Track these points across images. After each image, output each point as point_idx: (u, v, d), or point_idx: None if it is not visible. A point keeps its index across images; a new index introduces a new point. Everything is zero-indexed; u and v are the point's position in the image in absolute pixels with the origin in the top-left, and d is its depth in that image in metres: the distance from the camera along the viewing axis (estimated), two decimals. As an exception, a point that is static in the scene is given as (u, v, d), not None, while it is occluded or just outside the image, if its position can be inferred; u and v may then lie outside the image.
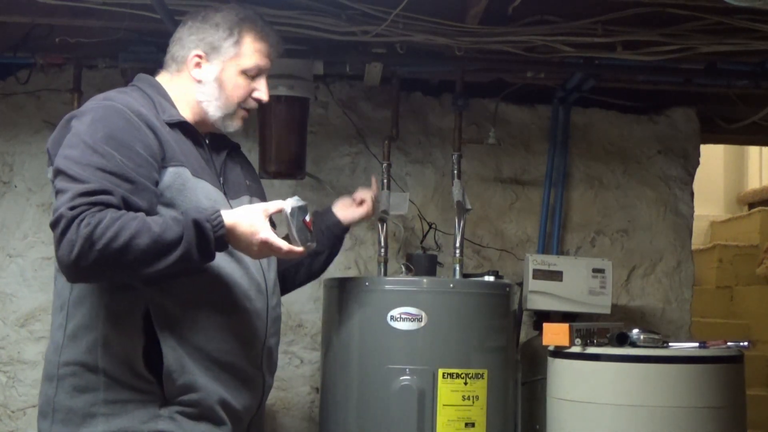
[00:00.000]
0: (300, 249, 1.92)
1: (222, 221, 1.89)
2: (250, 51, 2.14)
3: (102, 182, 1.86)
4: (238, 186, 2.19)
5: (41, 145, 3.56)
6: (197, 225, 1.86)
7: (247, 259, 2.04)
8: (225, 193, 2.12)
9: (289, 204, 1.92)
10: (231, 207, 2.06)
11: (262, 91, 2.15)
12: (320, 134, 3.65)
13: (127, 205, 1.88)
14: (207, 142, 2.19)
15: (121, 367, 1.96)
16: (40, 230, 3.53)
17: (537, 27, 2.99)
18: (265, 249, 1.92)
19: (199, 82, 2.15)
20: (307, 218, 1.91)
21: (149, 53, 3.13)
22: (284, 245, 1.91)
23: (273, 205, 1.96)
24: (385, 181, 3.32)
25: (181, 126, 2.10)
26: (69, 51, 3.25)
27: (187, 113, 2.14)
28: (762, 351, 5.54)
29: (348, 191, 3.59)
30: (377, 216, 2.75)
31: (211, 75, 2.14)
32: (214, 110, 2.14)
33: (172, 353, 1.95)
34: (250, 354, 2.06)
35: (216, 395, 1.99)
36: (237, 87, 2.14)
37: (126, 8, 2.85)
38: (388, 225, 3.22)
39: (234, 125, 2.17)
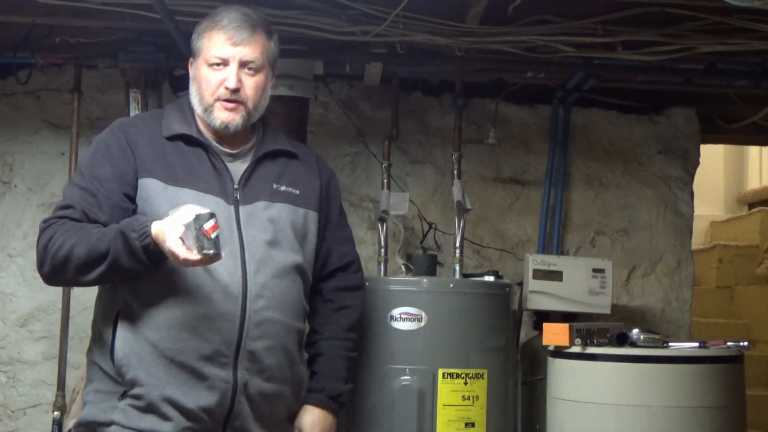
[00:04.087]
0: (196, 257, 1.93)
1: (147, 231, 1.97)
2: (209, 43, 2.18)
3: (72, 197, 2.09)
4: (258, 192, 2.20)
5: (41, 145, 3.57)
6: (122, 235, 1.99)
7: (220, 261, 2.04)
8: (237, 199, 2.15)
9: (187, 212, 1.95)
10: (233, 212, 2.14)
11: (228, 79, 2.17)
12: (320, 134, 3.65)
13: (87, 218, 2.07)
14: (224, 150, 2.21)
15: (106, 362, 2.10)
16: (39, 230, 3.53)
17: (537, 27, 2.99)
18: (172, 256, 1.96)
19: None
20: (206, 226, 1.93)
21: (149, 53, 3.13)
22: (180, 253, 1.93)
23: (181, 215, 1.99)
24: (385, 181, 3.32)
25: (183, 138, 2.17)
26: (69, 51, 3.26)
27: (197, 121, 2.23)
28: (762, 351, 5.53)
29: (348, 191, 3.61)
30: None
31: (191, 75, 2.23)
32: (196, 107, 2.20)
33: (122, 348, 2.06)
34: (214, 355, 2.08)
35: (159, 391, 2.05)
36: (206, 80, 2.18)
37: (126, 8, 2.85)
38: (388, 225, 3.22)
39: (219, 118, 2.17)
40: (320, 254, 2.32)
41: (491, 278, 2.91)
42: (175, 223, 1.95)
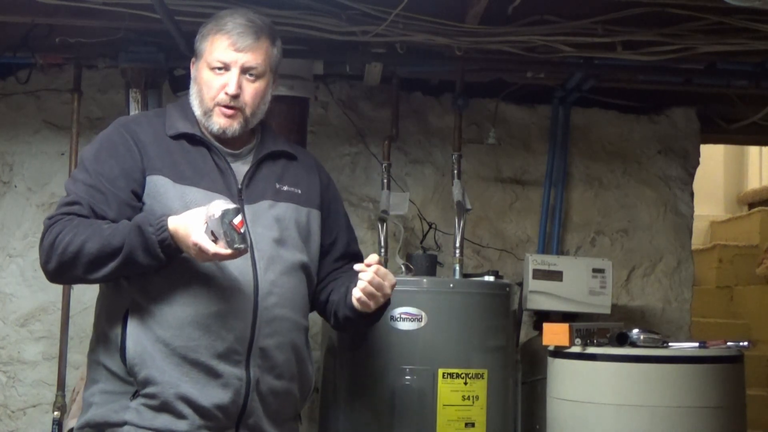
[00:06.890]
0: (227, 251, 1.95)
1: (165, 225, 1.99)
2: (211, 46, 2.18)
3: (78, 194, 2.08)
4: (262, 191, 2.21)
5: (41, 145, 3.57)
6: (139, 229, 1.99)
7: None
8: (242, 198, 2.16)
9: (215, 207, 1.96)
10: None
11: (228, 84, 2.17)
12: (320, 134, 3.65)
13: (95, 214, 2.06)
14: (226, 150, 2.22)
15: (114, 361, 2.08)
16: (39, 230, 3.51)
17: (537, 27, 2.99)
18: (197, 251, 1.97)
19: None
20: (236, 221, 1.95)
21: (149, 53, 3.13)
22: (211, 248, 1.95)
23: (208, 210, 2.00)
24: (385, 181, 3.32)
25: (187, 137, 2.18)
26: (69, 51, 3.26)
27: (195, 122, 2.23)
28: (762, 351, 5.53)
29: (348, 191, 3.60)
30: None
31: (193, 76, 2.23)
32: (196, 108, 2.20)
33: (134, 347, 2.05)
34: (227, 352, 2.08)
35: (174, 389, 2.04)
36: (206, 84, 2.18)
37: (126, 8, 2.85)
38: (388, 225, 3.22)
39: (216, 123, 2.18)
40: (331, 251, 2.34)
41: (491, 278, 2.91)
42: (197, 218, 1.96)
